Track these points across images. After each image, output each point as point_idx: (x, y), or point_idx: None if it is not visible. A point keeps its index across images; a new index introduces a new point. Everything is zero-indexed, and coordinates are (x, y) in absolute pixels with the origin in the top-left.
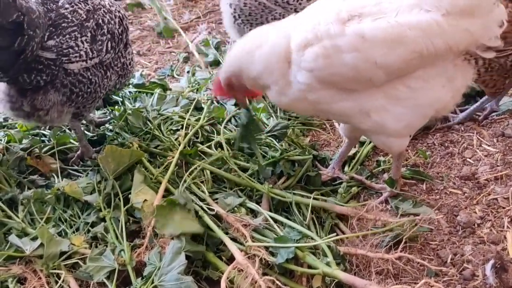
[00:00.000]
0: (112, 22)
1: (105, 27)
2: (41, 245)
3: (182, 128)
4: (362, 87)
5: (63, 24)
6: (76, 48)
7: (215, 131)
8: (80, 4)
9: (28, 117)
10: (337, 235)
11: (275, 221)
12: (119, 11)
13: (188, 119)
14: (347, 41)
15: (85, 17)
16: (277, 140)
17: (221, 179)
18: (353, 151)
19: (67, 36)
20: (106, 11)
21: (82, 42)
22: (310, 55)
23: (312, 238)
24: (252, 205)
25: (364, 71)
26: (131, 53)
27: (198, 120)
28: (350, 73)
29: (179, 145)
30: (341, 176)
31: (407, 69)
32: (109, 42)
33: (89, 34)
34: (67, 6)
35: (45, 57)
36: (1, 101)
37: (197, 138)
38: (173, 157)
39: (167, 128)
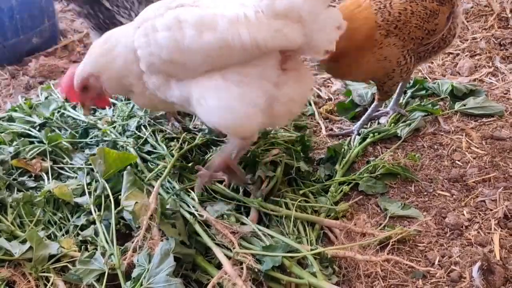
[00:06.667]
0: None
1: None
2: (30, 248)
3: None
4: (180, 73)
5: None
6: None
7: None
8: None
9: None
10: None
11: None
12: None
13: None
14: (163, 21)
15: None
16: None
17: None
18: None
19: None
20: None
21: None
22: (137, 35)
23: (299, 250)
24: (241, 217)
25: (176, 53)
26: None
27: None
28: (164, 54)
29: (173, 156)
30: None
31: (218, 59)
32: None
33: None
34: None
35: None
36: None
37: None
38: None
39: (163, 137)
